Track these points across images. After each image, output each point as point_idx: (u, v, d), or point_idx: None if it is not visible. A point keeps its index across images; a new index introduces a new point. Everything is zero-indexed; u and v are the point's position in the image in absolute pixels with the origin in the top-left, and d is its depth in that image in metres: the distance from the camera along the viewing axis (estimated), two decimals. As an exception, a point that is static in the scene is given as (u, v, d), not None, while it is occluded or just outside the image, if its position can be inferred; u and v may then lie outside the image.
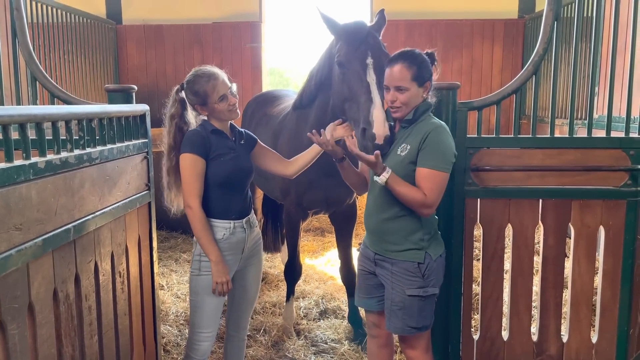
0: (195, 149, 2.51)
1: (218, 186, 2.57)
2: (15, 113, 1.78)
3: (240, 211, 2.66)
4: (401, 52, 2.43)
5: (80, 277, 2.16)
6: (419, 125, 2.43)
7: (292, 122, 3.52)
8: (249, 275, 2.80)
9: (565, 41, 5.55)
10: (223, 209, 2.60)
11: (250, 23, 7.04)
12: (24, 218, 1.75)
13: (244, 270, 2.77)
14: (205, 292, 2.59)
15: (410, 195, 2.32)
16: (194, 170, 2.51)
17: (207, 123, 2.63)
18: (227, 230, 2.60)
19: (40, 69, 3.29)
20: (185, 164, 2.52)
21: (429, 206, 2.34)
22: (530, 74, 2.90)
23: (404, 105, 2.41)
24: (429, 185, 2.32)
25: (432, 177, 2.32)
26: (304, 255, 5.82)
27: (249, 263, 2.78)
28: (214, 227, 2.59)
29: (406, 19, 6.80)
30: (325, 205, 3.64)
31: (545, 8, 2.88)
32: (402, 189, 2.33)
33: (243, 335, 2.90)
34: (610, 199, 2.91)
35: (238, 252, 2.67)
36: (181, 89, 2.63)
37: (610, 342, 3.01)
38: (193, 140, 2.54)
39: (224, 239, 2.60)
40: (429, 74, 2.44)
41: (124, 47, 7.14)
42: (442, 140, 2.35)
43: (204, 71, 2.58)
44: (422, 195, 2.31)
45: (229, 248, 2.62)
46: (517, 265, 3.00)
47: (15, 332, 1.72)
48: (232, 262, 2.65)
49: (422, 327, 2.50)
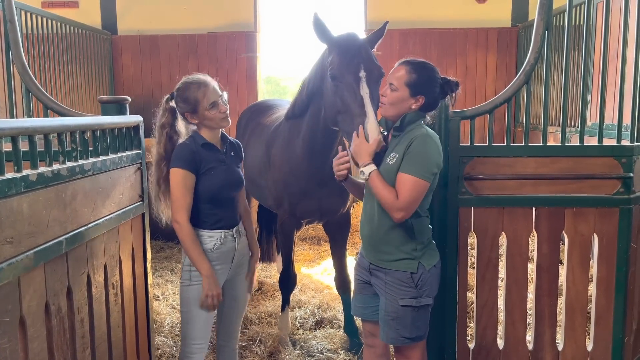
0: (186, 165, 2.50)
1: (209, 199, 2.57)
2: (6, 126, 1.78)
3: (230, 221, 2.65)
4: (414, 59, 2.48)
5: (73, 290, 2.15)
6: (407, 134, 2.44)
7: (285, 132, 3.53)
8: (238, 285, 2.78)
9: (558, 49, 5.59)
10: (214, 220, 2.60)
11: (246, 33, 7.07)
12: (15, 231, 1.75)
13: (234, 279, 2.75)
14: (197, 303, 2.57)
15: (384, 195, 2.34)
16: (184, 186, 2.50)
17: (197, 135, 2.60)
18: (218, 240, 2.60)
19: (34, 81, 3.29)
20: (176, 180, 2.50)
21: (400, 209, 2.33)
22: (522, 83, 2.92)
23: (389, 104, 2.44)
24: (404, 190, 2.32)
25: (409, 183, 2.32)
26: (300, 264, 5.80)
27: (238, 272, 2.76)
28: (204, 238, 2.58)
29: (400, 28, 6.83)
30: (319, 215, 3.64)
31: (536, 17, 2.91)
32: (380, 187, 2.35)
33: (234, 345, 2.87)
34: (603, 206, 2.91)
35: (228, 261, 2.66)
36: (171, 98, 2.62)
37: (605, 350, 3.00)
38: (183, 155, 2.52)
39: (214, 249, 2.59)
40: (429, 92, 2.44)
41: (119, 58, 7.15)
42: (426, 149, 2.36)
43: (194, 79, 2.57)
44: (394, 197, 2.33)
45: (219, 257, 2.61)
46: (512, 274, 3.00)
47: (7, 346, 1.71)
48: (222, 272, 2.64)
49: (415, 338, 2.49)
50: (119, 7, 7.18)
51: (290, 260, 3.84)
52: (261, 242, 5.07)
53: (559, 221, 2.95)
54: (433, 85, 2.46)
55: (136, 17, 7.17)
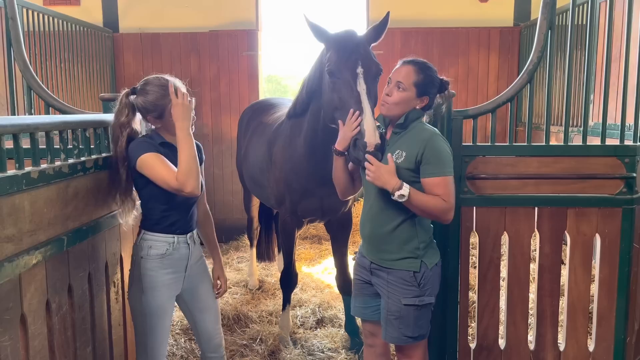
0: (151, 149, 2.33)
1: (164, 200, 2.39)
2: (8, 123, 1.77)
3: (184, 225, 2.49)
4: (418, 59, 2.49)
5: (74, 288, 2.14)
6: (412, 131, 2.44)
7: (287, 131, 3.52)
8: (202, 295, 2.62)
9: (561, 49, 5.57)
10: (167, 223, 2.43)
11: (247, 31, 7.05)
12: (16, 229, 1.75)
13: (195, 290, 2.59)
14: (155, 314, 2.42)
15: (432, 204, 2.32)
16: (161, 161, 2.30)
17: (156, 134, 2.45)
18: (171, 245, 2.44)
19: (36, 78, 3.29)
20: (150, 162, 2.29)
21: (450, 209, 2.36)
22: (525, 82, 2.91)
23: (393, 104, 2.43)
24: (444, 191, 2.34)
25: (445, 183, 2.35)
26: (301, 263, 5.80)
27: (198, 280, 2.60)
28: (156, 242, 2.42)
29: (402, 27, 6.82)
30: (321, 214, 3.63)
31: (540, 17, 2.89)
32: (424, 200, 2.33)
33: (222, 352, 2.72)
34: (606, 206, 2.91)
35: (181, 269, 2.49)
36: (132, 92, 2.41)
37: (607, 350, 2.99)
38: (145, 146, 2.34)
39: (167, 254, 2.43)
40: (431, 92, 2.48)
41: (120, 56, 7.14)
42: (441, 148, 2.39)
43: (161, 82, 2.40)
44: (442, 201, 2.33)
45: (171, 265, 2.45)
46: (514, 274, 2.99)
47: (8, 344, 1.70)
48: (176, 281, 2.48)
49: (418, 337, 2.49)
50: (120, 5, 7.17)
51: (292, 259, 3.83)
52: (261, 241, 5.07)
53: (561, 221, 2.94)
54: (434, 86, 2.49)
55: (138, 15, 7.16)
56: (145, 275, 2.40)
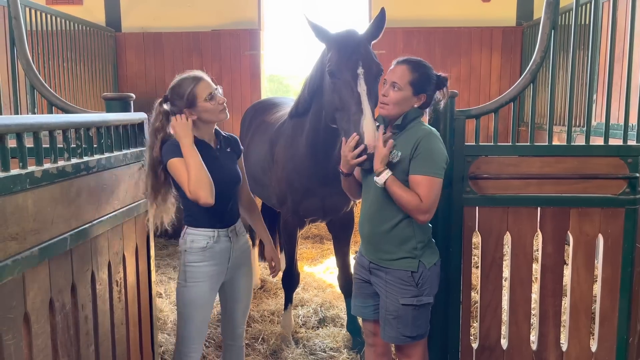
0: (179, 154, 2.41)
1: None
2: (11, 123, 1.78)
3: (225, 220, 2.58)
4: (412, 58, 2.49)
5: (77, 287, 2.15)
6: (409, 131, 2.44)
7: (289, 130, 3.53)
8: (239, 286, 2.73)
9: (563, 49, 5.56)
10: (207, 218, 2.53)
11: (249, 31, 7.05)
12: (19, 228, 1.75)
13: (234, 281, 2.70)
14: (193, 304, 2.54)
15: (406, 199, 2.32)
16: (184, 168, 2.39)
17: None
18: (211, 239, 2.54)
19: (39, 77, 3.29)
20: (179, 167, 2.40)
21: (425, 211, 2.34)
22: (528, 82, 2.91)
23: (391, 104, 2.43)
24: (424, 191, 2.32)
25: (427, 183, 2.33)
26: (303, 262, 5.80)
27: (238, 273, 2.71)
28: (196, 236, 2.53)
29: (404, 26, 6.81)
30: (322, 214, 3.63)
31: (543, 16, 2.89)
32: (400, 192, 2.33)
33: (240, 343, 2.86)
34: (609, 206, 2.90)
35: (224, 261, 2.60)
36: (165, 100, 2.55)
37: (609, 350, 2.99)
38: (173, 149, 2.44)
39: (207, 247, 2.53)
40: (428, 90, 2.47)
41: (123, 55, 7.15)
42: (433, 146, 2.37)
43: (188, 75, 2.54)
44: (418, 199, 2.32)
45: (213, 257, 2.55)
46: (516, 274, 2.99)
47: (11, 342, 1.71)
48: (218, 272, 2.59)
49: (416, 336, 2.49)
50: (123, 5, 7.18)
51: (294, 259, 3.84)
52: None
53: (563, 221, 2.94)
54: (430, 83, 2.48)
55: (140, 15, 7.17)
56: (188, 266, 2.54)
